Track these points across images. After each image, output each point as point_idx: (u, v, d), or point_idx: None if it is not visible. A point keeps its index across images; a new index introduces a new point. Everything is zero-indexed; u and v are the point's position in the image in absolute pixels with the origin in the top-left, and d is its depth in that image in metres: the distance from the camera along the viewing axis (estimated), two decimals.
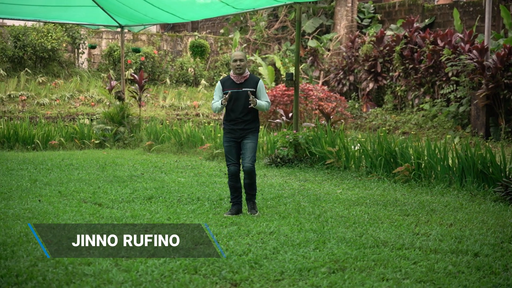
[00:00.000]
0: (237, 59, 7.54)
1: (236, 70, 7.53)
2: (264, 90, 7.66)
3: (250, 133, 7.58)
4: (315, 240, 6.10)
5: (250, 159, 7.48)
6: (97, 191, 8.96)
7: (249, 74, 7.65)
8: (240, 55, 7.58)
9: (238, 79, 7.57)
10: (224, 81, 7.70)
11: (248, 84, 7.58)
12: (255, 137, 7.60)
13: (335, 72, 22.41)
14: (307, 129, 12.52)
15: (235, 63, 7.54)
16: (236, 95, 7.53)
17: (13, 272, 4.83)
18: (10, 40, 21.03)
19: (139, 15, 14.36)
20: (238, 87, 7.55)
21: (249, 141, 7.54)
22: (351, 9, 24.04)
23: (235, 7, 12.43)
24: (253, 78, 7.66)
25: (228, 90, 7.52)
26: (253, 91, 7.55)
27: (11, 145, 15.08)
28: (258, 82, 7.65)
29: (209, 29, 28.93)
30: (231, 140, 7.61)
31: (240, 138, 7.58)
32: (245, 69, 7.60)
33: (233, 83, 7.58)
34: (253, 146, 7.54)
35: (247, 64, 7.66)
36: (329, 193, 9.12)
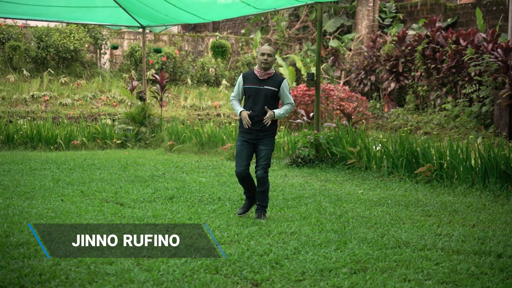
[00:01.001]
0: (265, 53, 7.06)
1: (262, 65, 7.04)
2: (287, 91, 7.18)
3: (266, 136, 7.14)
4: (336, 241, 6.09)
5: (264, 166, 7.10)
6: (119, 191, 9.01)
7: (274, 72, 7.17)
8: (269, 49, 7.11)
9: (261, 75, 7.09)
10: (246, 75, 7.23)
11: (271, 83, 7.09)
12: (271, 142, 7.17)
13: (356, 72, 22.33)
14: (328, 129, 12.49)
15: (263, 57, 7.05)
16: (256, 91, 7.09)
17: (36, 271, 4.88)
18: (33, 41, 21.23)
19: (161, 16, 14.41)
20: (260, 84, 7.09)
21: (265, 147, 7.12)
22: (372, 8, 23.94)
23: (256, 7, 12.44)
24: (277, 77, 7.18)
25: (249, 86, 7.12)
26: (275, 91, 7.09)
27: (34, 145, 15.21)
28: (282, 82, 7.14)
29: (230, 29, 28.97)
30: (244, 141, 7.18)
31: (256, 140, 7.14)
32: (272, 66, 7.13)
33: (255, 78, 7.12)
34: (269, 153, 7.14)
35: (274, 61, 7.16)
36: (350, 193, 9.09)
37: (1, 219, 6.85)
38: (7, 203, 7.78)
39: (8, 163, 11.74)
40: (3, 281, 4.59)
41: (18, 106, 18.46)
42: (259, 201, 7.20)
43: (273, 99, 7.13)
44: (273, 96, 7.10)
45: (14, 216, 7.05)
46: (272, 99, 7.10)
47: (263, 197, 7.20)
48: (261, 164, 7.09)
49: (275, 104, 7.19)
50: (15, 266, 5.00)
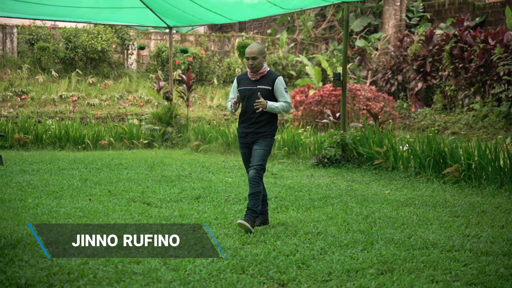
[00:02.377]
0: (249, 56, 6.69)
1: (250, 69, 6.74)
2: (283, 88, 6.74)
3: (261, 137, 6.73)
4: (363, 241, 6.06)
5: (256, 167, 6.61)
6: (146, 190, 9.06)
7: (267, 71, 6.80)
8: (253, 51, 6.67)
9: (253, 76, 6.76)
10: (240, 78, 6.92)
11: (264, 82, 6.73)
12: (266, 142, 6.72)
13: (383, 71, 22.21)
14: (354, 129, 12.44)
15: (248, 61, 6.72)
16: (249, 92, 6.74)
17: (65, 269, 4.92)
18: (61, 41, 21.44)
19: (187, 16, 14.46)
20: (253, 84, 6.75)
21: (258, 147, 6.70)
22: (399, 8, 23.79)
23: (282, 7, 12.43)
24: (271, 75, 6.77)
25: (243, 87, 6.80)
26: (269, 89, 6.71)
27: (62, 145, 15.36)
28: (276, 79, 6.74)
29: (256, 29, 28.98)
30: (244, 145, 6.86)
31: (252, 143, 6.79)
32: (261, 66, 6.73)
33: (248, 79, 6.81)
34: (262, 153, 6.66)
35: (263, 60, 6.73)
36: (377, 193, 9.05)
37: (30, 218, 6.93)
38: (36, 203, 7.88)
39: (37, 162, 11.87)
40: (32, 280, 4.64)
41: (46, 106, 18.66)
42: (249, 204, 6.61)
43: (269, 98, 6.72)
44: (268, 95, 6.71)
45: (43, 215, 7.13)
46: (267, 97, 6.70)
47: (253, 201, 6.59)
48: (254, 165, 6.63)
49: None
50: (44, 264, 5.05)
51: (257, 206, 6.58)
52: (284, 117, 19.92)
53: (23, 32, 21.33)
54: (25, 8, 13.74)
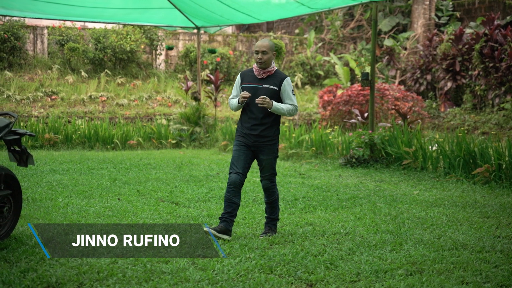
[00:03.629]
0: (259, 50, 6.25)
1: (258, 64, 6.28)
2: (290, 90, 6.31)
3: (267, 145, 6.28)
4: (391, 242, 6.03)
5: (268, 176, 6.35)
6: (174, 190, 9.11)
7: (275, 70, 6.35)
8: (264, 45, 6.25)
9: (259, 73, 6.30)
10: (244, 74, 6.46)
11: (271, 81, 6.28)
12: (271, 150, 6.31)
13: (411, 71, 22.04)
14: (383, 129, 12.37)
15: (257, 55, 6.26)
16: (252, 91, 6.27)
17: (94, 268, 4.97)
18: (91, 42, 21.64)
19: (215, 16, 14.50)
20: (258, 83, 6.29)
21: (265, 156, 6.30)
22: (428, 7, 23.59)
23: (310, 7, 12.40)
24: (279, 75, 6.32)
25: (246, 85, 6.33)
26: (275, 90, 6.26)
27: (91, 144, 15.50)
28: (284, 80, 6.30)
29: (284, 29, 28.95)
30: (242, 144, 6.34)
31: (254, 147, 6.30)
32: (271, 63, 6.31)
33: (253, 76, 6.34)
34: (271, 162, 6.34)
35: (273, 57, 6.30)
36: (405, 194, 8.99)
37: (60, 217, 7.01)
38: (66, 202, 7.96)
39: (67, 162, 12.00)
40: (63, 278, 4.69)
41: (76, 106, 18.84)
42: (268, 213, 6.47)
43: (274, 99, 6.27)
44: (274, 96, 6.26)
45: (73, 214, 7.21)
46: (272, 98, 6.26)
47: (271, 209, 6.45)
48: (265, 175, 6.37)
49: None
50: (74, 263, 5.10)
51: (276, 213, 6.46)
52: (312, 117, 19.88)
53: (53, 33, 21.57)
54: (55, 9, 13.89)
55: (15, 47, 20.11)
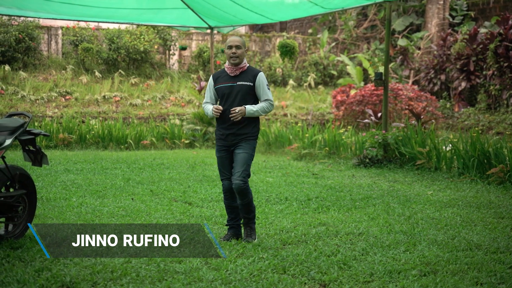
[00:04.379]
0: (233, 45, 6.08)
1: (231, 60, 6.07)
2: (265, 85, 6.15)
3: (243, 140, 6.09)
4: (405, 242, 6.00)
5: (240, 174, 5.98)
6: (187, 190, 9.12)
7: (247, 66, 6.18)
8: (237, 40, 6.09)
9: (232, 71, 6.12)
10: (216, 75, 6.26)
11: (245, 77, 6.10)
12: (249, 145, 6.10)
13: (425, 71, 21.95)
14: (396, 129, 12.33)
15: (230, 50, 6.08)
16: (228, 90, 6.10)
17: (108, 268, 4.99)
18: (105, 42, 21.72)
19: (229, 16, 14.51)
20: (232, 81, 6.11)
21: (241, 150, 6.06)
22: (442, 6, 23.49)
23: (324, 7, 12.38)
24: (252, 71, 6.16)
25: (220, 85, 6.14)
26: (250, 86, 6.09)
27: (105, 144, 15.57)
28: (258, 75, 6.13)
29: (297, 29, 28.93)
30: (222, 149, 6.15)
31: (233, 146, 6.12)
32: (243, 59, 6.13)
33: (226, 76, 6.16)
34: (246, 157, 6.04)
35: (245, 53, 6.16)
36: (419, 194, 8.95)
37: (74, 217, 7.04)
38: (80, 202, 7.99)
39: (81, 162, 12.05)
40: (77, 277, 4.71)
41: (90, 106, 18.92)
42: (242, 212, 6.14)
43: (250, 96, 6.13)
44: (249, 92, 6.11)
45: (87, 214, 7.24)
46: (248, 95, 6.11)
47: (246, 209, 6.12)
48: (237, 171, 6.00)
49: (254, 102, 6.18)
50: (88, 263, 5.12)
51: (251, 212, 6.14)
52: (325, 117, 19.85)
53: (68, 33, 21.67)
54: (69, 10, 13.95)
55: (30, 48, 20.22)
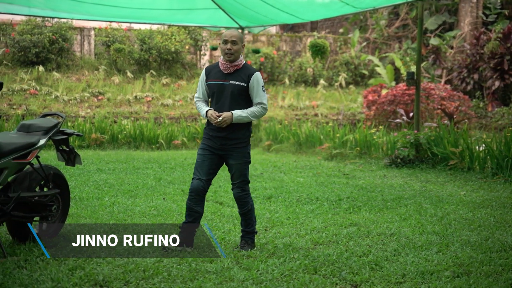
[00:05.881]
0: (228, 40, 5.61)
1: (226, 56, 5.62)
2: (260, 86, 5.67)
3: (235, 148, 5.69)
4: (437, 243, 5.95)
5: (240, 184, 5.72)
6: (218, 190, 9.15)
7: (243, 63, 5.71)
8: (233, 34, 5.63)
9: (226, 68, 5.66)
10: (209, 70, 5.80)
11: (238, 77, 5.64)
12: (242, 154, 5.72)
13: (458, 70, 21.71)
14: (428, 129, 12.23)
15: (225, 45, 5.62)
16: (219, 88, 5.66)
17: (140, 267, 5.02)
18: (136, 43, 21.88)
19: (260, 17, 14.52)
20: (225, 79, 5.66)
21: (235, 161, 5.70)
22: (476, 5, 23.22)
23: (355, 6, 12.32)
24: (247, 70, 5.69)
25: (212, 82, 5.71)
26: (243, 86, 5.64)
27: (137, 144, 15.68)
28: (253, 75, 5.65)
29: (328, 28, 28.83)
30: (207, 149, 5.72)
31: (222, 150, 5.69)
32: (239, 56, 5.68)
33: (219, 72, 5.70)
34: (242, 168, 5.73)
35: (242, 50, 5.71)
36: (452, 194, 8.86)
37: (107, 216, 7.11)
38: (112, 201, 8.07)
39: (113, 162, 12.16)
40: (109, 276, 4.76)
41: (122, 106, 19.07)
42: (243, 226, 5.85)
43: (243, 98, 5.68)
44: (242, 93, 5.66)
45: (119, 213, 7.30)
46: (240, 97, 5.66)
47: (246, 221, 5.82)
48: (236, 182, 5.74)
49: (247, 104, 5.72)
50: (120, 262, 5.16)
51: (251, 225, 5.82)
52: (356, 117, 19.75)
53: (100, 34, 21.88)
54: (102, 11, 14.09)
55: (63, 48, 20.46)
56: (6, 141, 5.39)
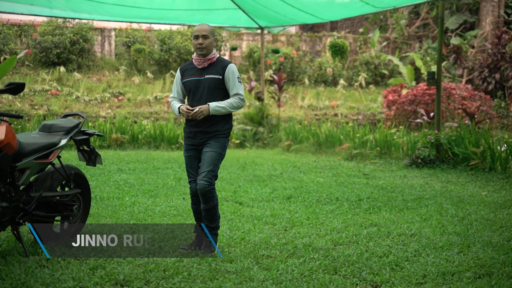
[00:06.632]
0: (199, 35, 5.57)
1: (198, 51, 5.59)
2: (235, 78, 5.64)
3: (212, 138, 5.61)
4: (459, 244, 5.91)
5: (206, 174, 5.45)
6: (238, 190, 9.16)
7: (217, 57, 5.70)
8: (204, 29, 5.60)
9: (200, 63, 5.64)
10: (184, 68, 5.78)
11: (214, 70, 5.61)
12: (218, 144, 5.60)
13: (479, 70, 21.54)
14: (449, 129, 12.15)
15: (197, 41, 5.59)
16: (195, 84, 5.64)
17: (160, 266, 5.04)
18: (156, 43, 21.97)
19: (279, 17, 14.53)
20: (200, 74, 5.64)
21: (209, 149, 5.55)
22: (497, 4, 23.03)
23: (375, 5, 12.28)
24: (221, 62, 5.67)
25: (187, 79, 5.67)
26: (218, 79, 5.60)
27: (157, 144, 15.74)
28: (227, 67, 5.63)
29: (348, 28, 28.74)
30: (191, 148, 5.68)
31: (202, 145, 5.64)
32: (212, 50, 5.65)
33: (194, 68, 5.68)
34: (213, 157, 5.53)
35: (214, 43, 5.66)
36: (473, 195, 8.80)
37: (127, 216, 7.14)
38: (133, 201, 8.10)
39: (133, 162, 12.22)
40: (130, 276, 4.78)
41: (142, 107, 19.16)
42: (206, 220, 5.63)
43: (220, 90, 5.65)
44: (218, 86, 5.63)
45: (139, 213, 7.33)
46: (217, 90, 5.63)
47: (208, 215, 5.61)
48: (203, 171, 5.48)
49: (224, 97, 5.67)
50: (140, 261, 5.19)
51: (215, 220, 5.64)
52: (376, 117, 19.68)
53: (120, 35, 22.00)
54: (122, 12, 14.19)
55: (84, 49, 20.60)
56: (28, 141, 5.44)
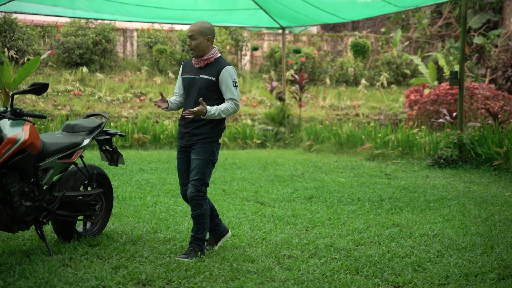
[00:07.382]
0: (188, 34, 5.41)
1: (190, 52, 5.47)
2: (231, 82, 5.40)
3: (199, 142, 5.40)
4: (482, 244, 5.86)
5: (195, 182, 5.35)
6: (259, 190, 9.16)
7: (215, 58, 5.49)
8: (192, 29, 5.40)
9: (196, 62, 5.48)
10: (185, 64, 5.68)
11: (208, 71, 5.42)
12: (204, 150, 5.39)
13: (503, 69, 21.33)
14: (472, 129, 12.06)
15: (188, 41, 5.46)
16: (190, 82, 5.49)
17: (182, 266, 5.06)
18: (178, 44, 22.04)
19: (300, 16, 14.51)
20: (196, 73, 5.47)
21: (195, 156, 5.38)
22: None
23: (397, 5, 12.22)
24: (218, 64, 5.45)
25: (185, 75, 5.54)
26: (212, 81, 5.40)
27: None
28: (222, 69, 5.40)
29: (370, 28, 28.61)
30: (180, 149, 5.55)
31: (189, 147, 5.47)
32: (205, 50, 5.43)
33: (192, 66, 5.53)
34: (201, 165, 5.37)
35: (208, 43, 5.42)
36: (496, 195, 8.72)
37: (149, 216, 7.18)
38: (155, 201, 8.14)
39: (155, 161, 12.27)
40: (152, 275, 4.80)
41: None
42: (193, 231, 5.46)
43: (213, 93, 5.43)
44: (210, 89, 5.42)
45: (161, 213, 7.37)
46: (210, 92, 5.42)
47: (197, 226, 5.44)
48: (192, 180, 5.37)
49: (216, 100, 5.45)
50: (162, 261, 5.21)
51: (202, 231, 5.45)
52: (398, 117, 19.58)
53: (142, 35, 22.11)
54: (144, 12, 14.27)
55: (106, 50, 20.73)
56: (51, 141, 5.49)
